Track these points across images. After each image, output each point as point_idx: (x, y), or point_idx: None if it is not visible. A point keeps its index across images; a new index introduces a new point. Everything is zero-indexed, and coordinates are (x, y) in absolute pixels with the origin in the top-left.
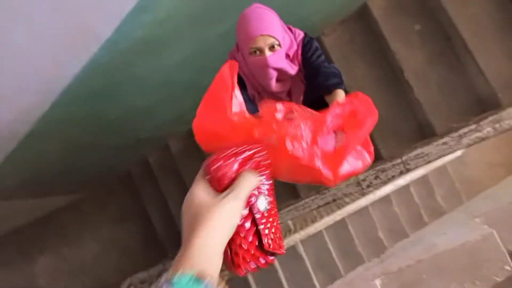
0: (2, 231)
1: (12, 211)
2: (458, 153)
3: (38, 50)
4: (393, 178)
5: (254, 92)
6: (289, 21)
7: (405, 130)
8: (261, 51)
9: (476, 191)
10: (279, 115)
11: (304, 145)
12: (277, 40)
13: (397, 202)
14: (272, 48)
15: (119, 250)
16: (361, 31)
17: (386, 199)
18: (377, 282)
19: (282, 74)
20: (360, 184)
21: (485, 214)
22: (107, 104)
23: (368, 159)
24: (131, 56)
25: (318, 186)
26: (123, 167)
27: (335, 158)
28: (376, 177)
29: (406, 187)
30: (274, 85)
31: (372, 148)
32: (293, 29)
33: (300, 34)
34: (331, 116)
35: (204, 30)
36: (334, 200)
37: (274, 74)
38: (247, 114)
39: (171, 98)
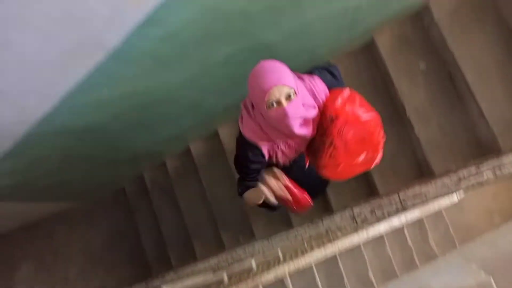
0: None
1: (1, 212)
2: (455, 198)
3: (45, 54)
4: (388, 215)
5: (274, 148)
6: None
7: (404, 167)
8: (278, 102)
9: (472, 237)
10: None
11: None
12: (292, 88)
13: (390, 243)
14: (288, 97)
15: (104, 266)
16: (366, 64)
17: (379, 239)
18: None
19: (304, 120)
20: (354, 219)
21: (482, 260)
22: (106, 115)
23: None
24: (136, 68)
25: (311, 216)
26: (118, 182)
27: None
28: (372, 212)
29: (400, 229)
30: (297, 131)
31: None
32: (302, 76)
33: (314, 78)
34: None
35: (209, 51)
36: (327, 232)
37: (296, 122)
38: None
39: (171, 115)
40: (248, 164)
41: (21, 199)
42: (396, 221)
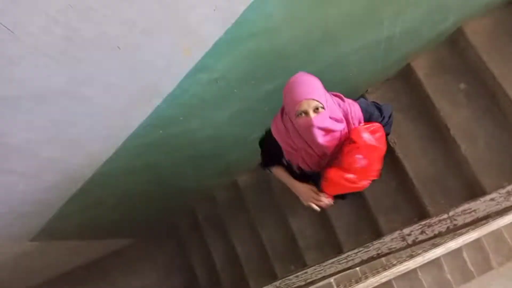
0: (60, 271)
1: (68, 251)
2: None
3: (112, 105)
4: (439, 234)
5: (294, 155)
6: (331, 82)
7: (454, 187)
8: (307, 113)
9: None
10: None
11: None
12: (320, 103)
13: (448, 268)
14: (316, 110)
15: None
16: (404, 90)
17: (436, 263)
18: None
19: (329, 134)
20: (405, 239)
21: None
22: (160, 154)
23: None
24: (187, 110)
25: (362, 241)
26: (171, 218)
27: None
28: (422, 232)
29: (458, 251)
30: (321, 140)
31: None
32: (345, 99)
33: (354, 104)
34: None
35: (252, 88)
36: (378, 255)
37: (320, 133)
38: None
39: (219, 150)
40: (270, 153)
41: (85, 237)
42: (453, 244)
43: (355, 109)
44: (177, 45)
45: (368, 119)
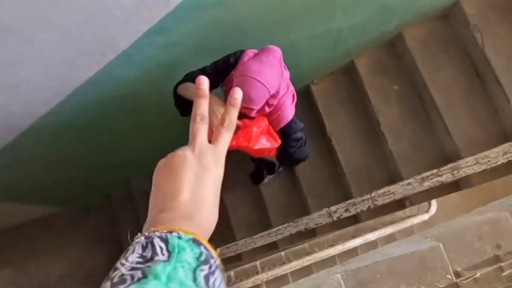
0: None
1: None
2: (426, 217)
3: (63, 52)
4: (361, 212)
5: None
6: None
7: (377, 177)
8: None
9: None
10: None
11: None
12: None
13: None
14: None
15: (85, 273)
16: (346, 84)
17: (353, 252)
18: (338, 276)
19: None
20: (331, 216)
21: (436, 235)
22: (105, 116)
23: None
24: (139, 72)
25: (291, 216)
26: (104, 188)
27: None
28: (347, 210)
29: (374, 243)
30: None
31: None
32: (295, 99)
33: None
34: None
35: (205, 61)
36: (306, 229)
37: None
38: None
39: (163, 121)
40: (221, 65)
41: (8, 199)
42: (371, 236)
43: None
44: (141, 0)
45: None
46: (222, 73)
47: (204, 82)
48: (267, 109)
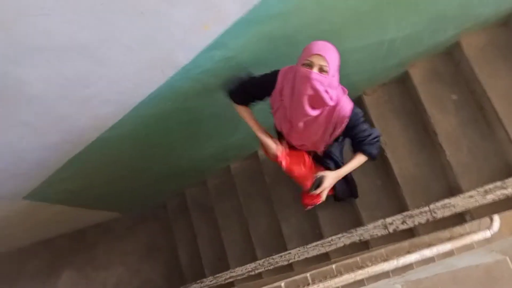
0: (42, 237)
1: (54, 216)
2: (488, 234)
3: (126, 67)
4: (419, 225)
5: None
6: None
7: (435, 189)
8: (311, 66)
9: None
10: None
11: None
12: (327, 65)
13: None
14: (320, 69)
15: (141, 279)
16: (400, 94)
17: (409, 268)
18: (398, 286)
19: (316, 99)
20: (387, 227)
21: (501, 249)
22: (164, 129)
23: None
24: (198, 85)
25: (344, 227)
26: (160, 197)
27: None
28: (403, 222)
29: (431, 260)
30: (306, 103)
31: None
32: (346, 91)
33: (349, 103)
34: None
35: (260, 72)
36: (360, 241)
37: (310, 91)
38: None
39: (221, 131)
40: (257, 81)
41: (71, 204)
42: (428, 252)
43: (347, 105)
44: (198, 18)
45: (352, 126)
46: (259, 87)
47: None
48: (331, 102)
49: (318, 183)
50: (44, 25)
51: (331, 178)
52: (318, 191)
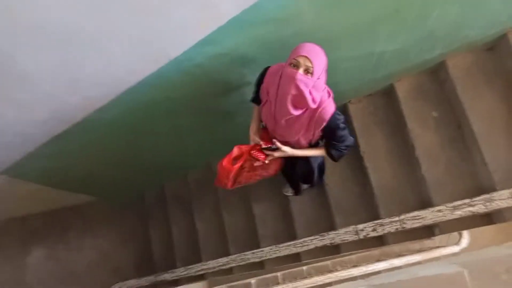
0: (15, 214)
1: (29, 195)
2: (456, 249)
3: (121, 53)
4: (389, 234)
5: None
6: None
7: (409, 201)
8: (297, 66)
9: None
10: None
11: None
12: (313, 67)
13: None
14: (306, 71)
15: (112, 265)
16: (383, 106)
17: (376, 275)
18: None
19: (299, 99)
20: (358, 233)
21: (463, 262)
22: (150, 118)
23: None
24: (188, 78)
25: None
26: (139, 188)
27: None
28: (374, 230)
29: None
30: (289, 103)
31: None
32: (331, 94)
33: (332, 106)
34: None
35: (250, 72)
36: (331, 244)
37: (294, 91)
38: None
39: (206, 124)
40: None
41: (51, 184)
42: (397, 261)
43: (329, 109)
44: (194, 13)
45: (329, 130)
46: (257, 86)
47: None
48: (313, 104)
49: (274, 148)
50: (43, 7)
51: (286, 149)
52: (268, 152)
